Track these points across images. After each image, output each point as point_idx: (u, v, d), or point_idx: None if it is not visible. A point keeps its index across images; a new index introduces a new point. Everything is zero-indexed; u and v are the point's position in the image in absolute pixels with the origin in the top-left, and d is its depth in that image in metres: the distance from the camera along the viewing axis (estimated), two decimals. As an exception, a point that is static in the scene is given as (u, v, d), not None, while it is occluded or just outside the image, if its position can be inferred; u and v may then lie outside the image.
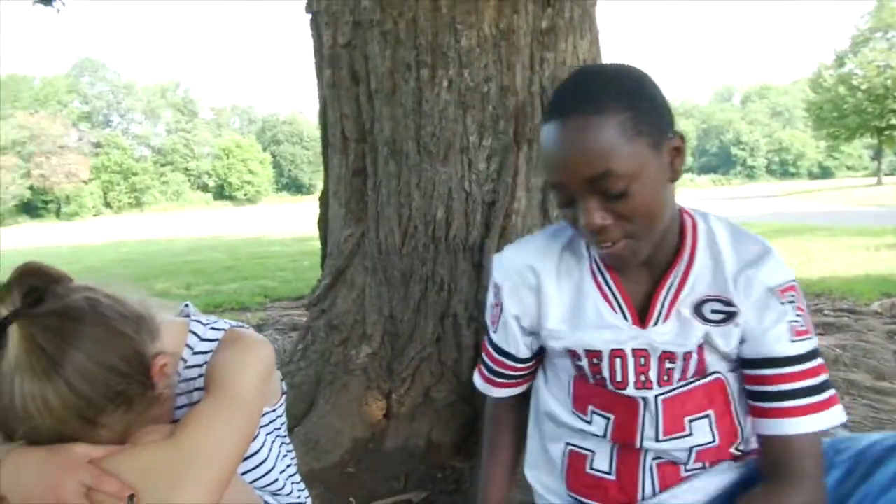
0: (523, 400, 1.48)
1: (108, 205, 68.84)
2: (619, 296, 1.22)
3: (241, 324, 1.28)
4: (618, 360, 1.23)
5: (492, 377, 1.44)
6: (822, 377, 1.14)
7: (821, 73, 41.38)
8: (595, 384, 1.28)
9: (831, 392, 1.14)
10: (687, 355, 1.19)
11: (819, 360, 1.15)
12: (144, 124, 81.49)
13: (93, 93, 79.04)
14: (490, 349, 1.42)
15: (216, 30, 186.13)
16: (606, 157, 1.02)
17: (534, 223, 2.49)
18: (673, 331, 1.19)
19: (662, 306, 1.19)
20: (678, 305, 1.18)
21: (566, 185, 1.08)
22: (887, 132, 38.87)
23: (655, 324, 1.20)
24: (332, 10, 2.61)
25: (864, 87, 37.67)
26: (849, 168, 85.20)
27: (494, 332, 1.38)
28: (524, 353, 1.37)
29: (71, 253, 16.49)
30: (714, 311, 1.17)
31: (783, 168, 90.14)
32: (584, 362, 1.27)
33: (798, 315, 1.14)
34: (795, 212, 18.10)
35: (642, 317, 1.21)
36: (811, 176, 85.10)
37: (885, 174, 48.56)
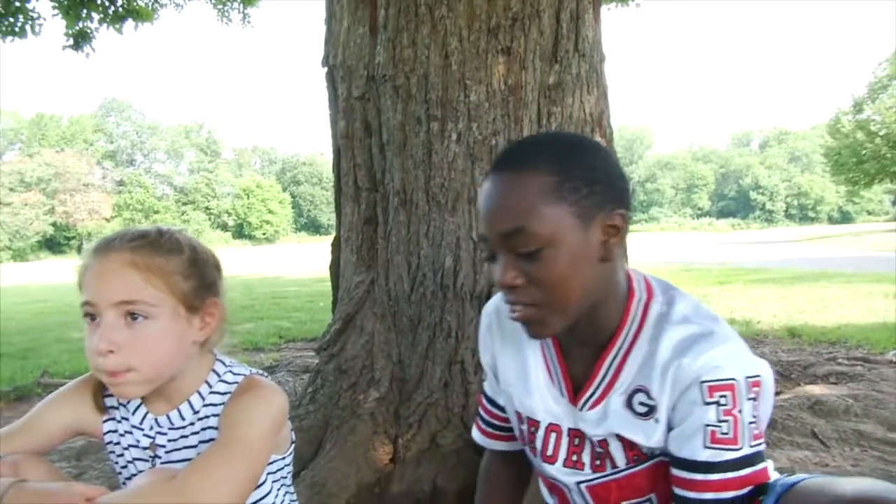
0: (517, 464, 1.44)
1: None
2: (558, 369, 1.21)
3: (259, 371, 1.33)
4: (553, 435, 1.21)
5: (487, 429, 1.44)
6: (738, 493, 1.01)
7: (839, 118, 41.37)
8: (533, 459, 1.29)
9: None
10: (604, 443, 1.15)
11: (744, 473, 1.02)
12: (167, 163, 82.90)
13: (118, 132, 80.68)
14: (484, 401, 1.43)
15: (240, 73, 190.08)
16: (522, 213, 1.02)
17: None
18: (596, 420, 1.14)
19: (595, 391, 1.15)
20: (611, 394, 1.13)
21: (487, 239, 1.08)
22: (906, 178, 38.68)
23: (582, 408, 1.16)
24: (347, 64, 2.71)
25: (882, 132, 37.64)
26: (869, 213, 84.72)
27: (485, 380, 1.41)
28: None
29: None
30: (641, 403, 1.10)
31: (802, 213, 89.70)
32: (525, 427, 1.26)
33: (723, 420, 1.01)
34: (813, 257, 17.97)
35: (577, 395, 1.18)
36: (831, 220, 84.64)
37: (906, 220, 48.04)
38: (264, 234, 75.92)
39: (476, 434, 1.48)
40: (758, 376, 1.05)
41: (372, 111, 2.66)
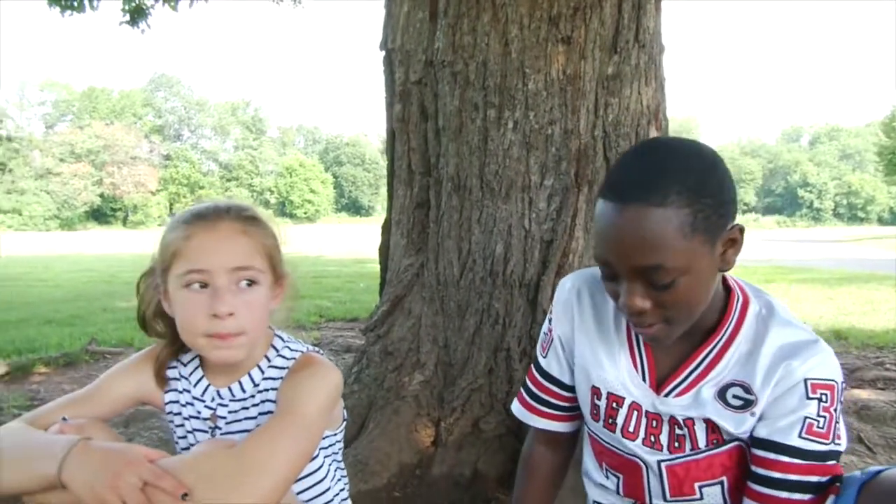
0: (560, 449, 1.47)
1: (173, 216, 70.92)
2: (644, 357, 1.24)
3: (315, 348, 1.37)
4: (634, 413, 1.25)
5: (534, 404, 1.43)
6: (821, 479, 1.10)
7: (895, 115, 40.20)
8: (605, 443, 1.32)
9: (827, 501, 1.10)
10: (690, 424, 1.20)
11: (828, 464, 1.11)
12: (213, 140, 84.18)
13: (166, 107, 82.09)
14: (536, 375, 1.43)
15: (288, 52, 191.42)
16: (660, 252, 1.02)
17: (591, 263, 2.53)
18: (685, 405, 1.19)
19: (684, 380, 1.19)
20: (702, 384, 1.18)
21: (614, 266, 1.08)
22: (963, 181, 37.48)
23: (668, 395, 1.21)
24: (405, 48, 2.73)
25: (939, 133, 36.49)
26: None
27: (544, 356, 1.40)
28: (570, 379, 1.38)
29: (133, 260, 17.04)
30: (735, 397, 1.16)
31: (851, 212, 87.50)
32: (603, 403, 1.28)
33: (821, 415, 1.10)
34: (863, 258, 17.57)
35: (660, 383, 1.22)
36: (881, 221, 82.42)
37: (961, 224, 46.63)
38: (305, 213, 76.70)
39: (516, 407, 1.48)
40: (844, 385, 1.14)
41: (429, 96, 2.67)
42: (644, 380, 1.23)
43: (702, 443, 1.20)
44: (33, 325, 6.69)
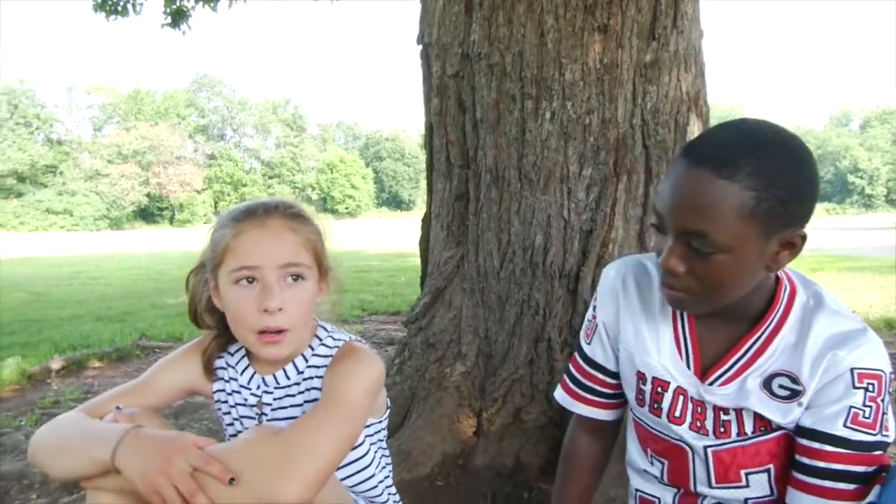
0: (603, 438, 1.48)
1: (218, 213, 72.06)
2: (689, 344, 1.24)
3: (357, 338, 1.40)
4: (680, 398, 1.25)
5: (578, 391, 1.43)
6: (868, 469, 1.09)
7: (949, 99, 38.81)
8: (650, 429, 1.32)
9: (873, 492, 1.09)
10: (739, 412, 1.20)
11: (874, 454, 1.10)
12: (255, 138, 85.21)
13: (209, 107, 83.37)
14: (580, 362, 1.43)
15: (327, 48, 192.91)
16: (709, 221, 1.02)
17: (630, 253, 2.52)
18: (730, 394, 1.19)
19: (729, 369, 1.19)
20: (747, 374, 1.18)
21: (665, 221, 1.09)
22: None
23: (713, 383, 1.20)
24: (442, 42, 2.74)
25: None
26: (979, 200, 79.44)
27: (588, 343, 1.41)
28: (615, 366, 1.38)
29: (180, 257, 17.38)
30: (781, 387, 1.15)
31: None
32: (649, 388, 1.29)
33: (867, 405, 1.09)
34: (916, 246, 17.03)
35: (705, 370, 1.22)
36: (936, 207, 79.80)
37: None
38: (346, 208, 77.30)
39: (559, 394, 1.48)
40: (893, 375, 1.13)
41: (466, 89, 2.68)
42: (689, 367, 1.23)
43: (749, 429, 1.20)
44: (86, 322, 6.90)
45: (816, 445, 1.11)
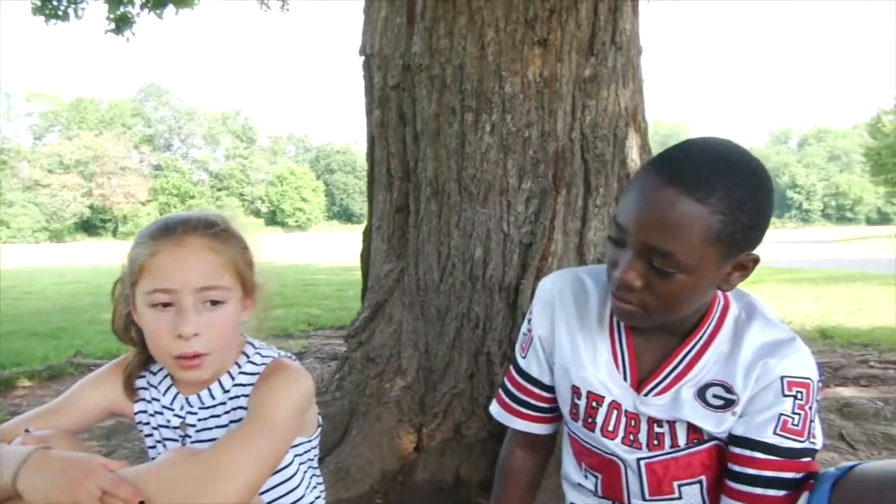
0: (538, 453, 1.47)
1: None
2: (626, 356, 1.24)
3: (287, 354, 1.35)
4: (614, 412, 1.24)
5: (513, 405, 1.42)
6: (797, 475, 1.11)
7: (880, 118, 40.48)
8: (584, 443, 1.31)
9: (801, 498, 1.10)
10: (672, 424, 1.20)
11: (803, 461, 1.11)
12: (204, 149, 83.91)
13: (156, 117, 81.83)
14: (515, 375, 1.41)
15: (277, 60, 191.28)
16: (677, 241, 1.02)
17: (569, 266, 2.53)
18: (665, 405, 1.19)
19: (664, 380, 1.19)
20: (682, 384, 1.18)
21: (626, 231, 1.07)
22: (949, 180, 37.77)
23: (648, 394, 1.20)
24: (384, 53, 2.73)
25: (925, 133, 36.78)
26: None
27: (523, 357, 1.39)
28: (550, 380, 1.37)
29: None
30: (715, 396, 1.16)
31: (840, 213, 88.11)
32: (583, 402, 1.28)
33: (796, 413, 1.11)
34: (850, 258, 17.65)
35: (641, 382, 1.22)
36: (869, 222, 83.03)
37: (948, 223, 46.99)
38: (297, 221, 76.54)
39: (494, 408, 1.46)
40: (820, 383, 1.15)
41: (407, 101, 2.67)
42: (625, 379, 1.23)
43: (682, 441, 1.20)
44: (19, 338, 6.63)
45: (747, 453, 1.12)
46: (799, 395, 1.11)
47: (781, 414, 1.11)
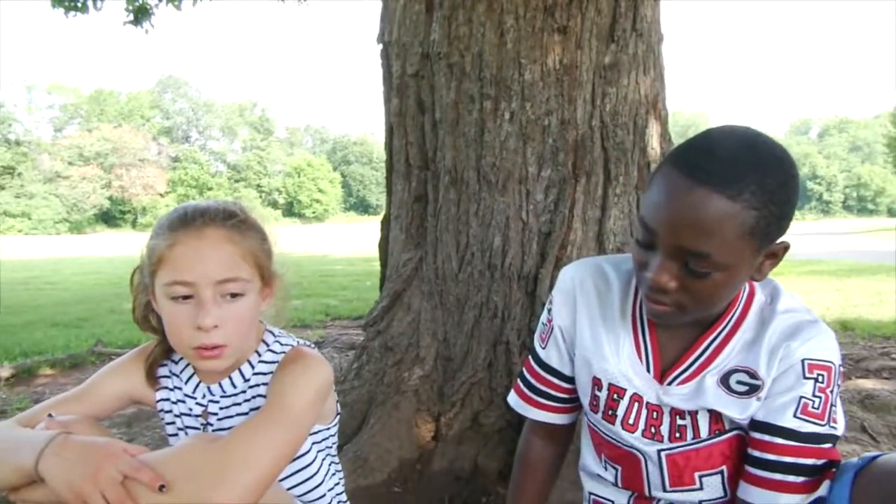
0: (557, 443, 1.46)
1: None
2: (649, 348, 1.22)
3: (306, 342, 1.35)
4: (636, 405, 1.23)
5: (532, 395, 1.41)
6: (817, 462, 1.10)
7: (904, 107, 39.93)
8: (604, 435, 1.31)
9: (821, 487, 1.10)
10: (693, 414, 1.19)
11: (823, 447, 1.10)
12: (221, 141, 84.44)
13: (174, 109, 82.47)
14: (535, 366, 1.41)
15: (295, 52, 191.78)
16: (714, 242, 0.99)
17: (589, 255, 2.51)
18: (688, 394, 1.18)
19: (687, 368, 1.18)
20: (706, 373, 1.17)
21: (657, 235, 1.04)
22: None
23: (671, 383, 1.19)
24: (402, 41, 2.71)
25: (950, 123, 36.23)
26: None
27: (543, 348, 1.38)
28: (570, 370, 1.36)
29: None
30: (739, 383, 1.15)
31: (861, 204, 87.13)
32: (604, 394, 1.27)
33: (816, 395, 1.10)
34: (872, 250, 17.43)
35: (664, 373, 1.21)
36: (891, 213, 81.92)
37: (972, 215, 46.32)
38: (314, 212, 76.89)
39: (513, 399, 1.46)
40: (843, 368, 1.14)
41: (425, 89, 2.65)
42: (648, 370, 1.22)
43: (704, 432, 1.19)
44: (40, 328, 6.71)
45: (767, 438, 1.11)
46: (820, 378, 1.10)
47: (802, 397, 1.10)
